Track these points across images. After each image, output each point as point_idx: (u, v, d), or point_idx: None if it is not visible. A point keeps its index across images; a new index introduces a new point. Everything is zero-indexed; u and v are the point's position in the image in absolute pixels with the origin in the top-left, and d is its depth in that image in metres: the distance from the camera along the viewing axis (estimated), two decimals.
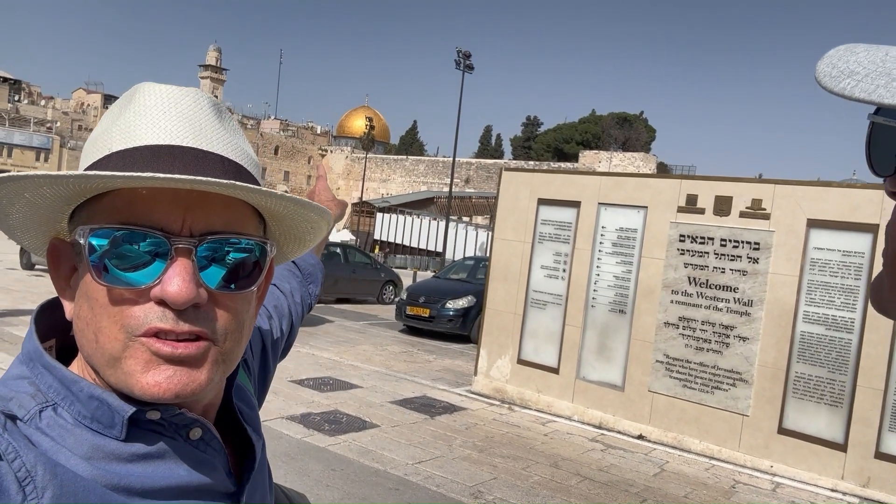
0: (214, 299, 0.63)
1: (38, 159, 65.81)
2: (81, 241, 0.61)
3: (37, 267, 16.46)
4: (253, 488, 0.74)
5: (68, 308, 0.66)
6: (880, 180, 0.54)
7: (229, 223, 0.64)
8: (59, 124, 71.52)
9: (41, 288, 13.29)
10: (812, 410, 5.79)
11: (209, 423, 0.69)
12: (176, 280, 0.59)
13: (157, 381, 0.60)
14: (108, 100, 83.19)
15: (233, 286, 0.64)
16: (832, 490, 5.60)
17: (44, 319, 0.69)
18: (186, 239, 0.61)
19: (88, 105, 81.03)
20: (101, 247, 0.60)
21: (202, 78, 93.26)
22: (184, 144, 0.63)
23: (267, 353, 1.03)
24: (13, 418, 0.59)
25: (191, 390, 0.61)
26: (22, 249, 16.36)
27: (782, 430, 5.92)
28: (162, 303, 0.60)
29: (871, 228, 5.57)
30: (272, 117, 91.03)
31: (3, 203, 0.64)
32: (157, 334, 0.60)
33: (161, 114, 0.64)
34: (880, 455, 5.44)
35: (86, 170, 0.64)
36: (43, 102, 78.23)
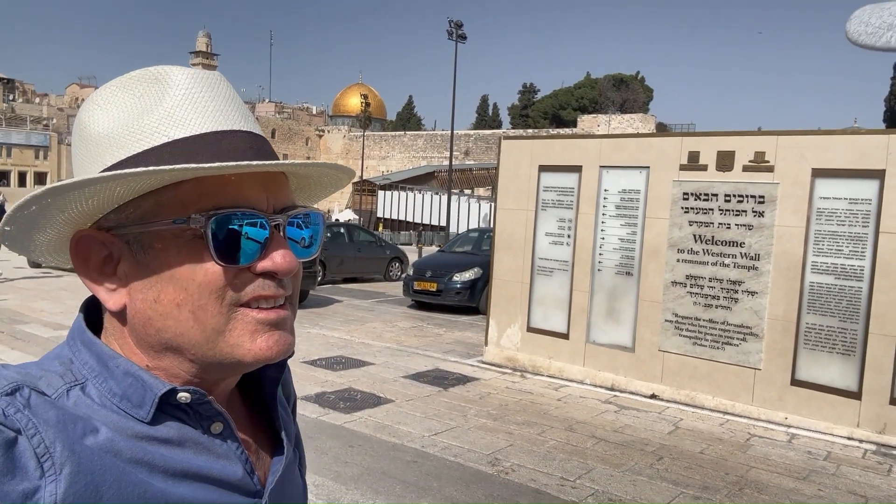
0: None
1: (37, 157, 65.73)
2: (197, 227, 0.63)
3: (44, 265, 16.51)
4: (278, 492, 0.74)
5: (113, 297, 0.67)
6: (883, 125, 0.50)
7: (291, 197, 0.71)
8: (55, 121, 71.30)
9: (51, 285, 13.35)
10: (825, 360, 5.79)
11: (230, 419, 0.69)
12: (281, 252, 0.65)
13: (267, 344, 0.66)
14: None
15: (306, 254, 0.71)
16: (848, 438, 5.62)
17: (91, 309, 0.72)
18: (276, 216, 0.66)
19: (83, 100, 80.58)
20: (217, 229, 0.63)
21: (193, 65, 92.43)
22: (243, 129, 0.67)
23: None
24: (41, 396, 0.60)
25: (289, 350, 0.68)
26: None
27: (795, 382, 5.93)
28: (264, 274, 0.65)
29: (878, 174, 5.50)
30: (266, 100, 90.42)
31: (73, 201, 0.63)
32: (258, 303, 0.65)
33: (211, 100, 0.66)
34: (895, 401, 5.44)
35: (135, 157, 0.64)
36: (38, 100, 77.92)
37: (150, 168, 0.59)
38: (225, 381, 0.71)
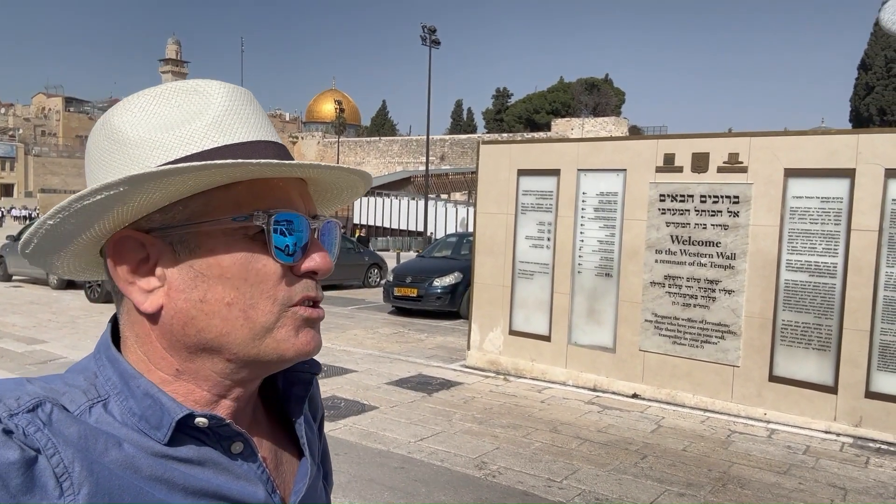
0: None
1: (2, 168, 64.35)
2: (260, 224, 0.66)
3: (14, 278, 16.16)
4: None
5: (149, 298, 0.66)
6: (849, 125, 0.53)
7: (315, 204, 0.75)
8: (21, 131, 69.93)
9: (21, 299, 13.08)
10: (801, 356, 5.91)
11: (251, 440, 0.69)
12: (321, 253, 0.70)
13: (307, 340, 0.69)
14: (70, 102, 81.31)
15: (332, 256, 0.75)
16: (825, 432, 5.74)
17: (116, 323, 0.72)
18: (315, 219, 0.71)
19: (50, 109, 79.16)
20: (276, 228, 0.66)
21: (163, 72, 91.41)
22: (275, 140, 0.72)
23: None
24: (63, 411, 0.60)
25: (320, 347, 0.72)
26: None
27: (773, 378, 6.04)
28: (308, 274, 0.69)
29: (849, 173, 5.64)
30: None
31: (135, 195, 0.63)
32: (304, 302, 0.69)
33: (252, 112, 0.71)
34: (870, 394, 5.57)
35: (186, 159, 0.65)
36: (3, 110, 76.27)
37: (240, 161, 0.62)
38: (249, 385, 0.71)
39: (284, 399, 0.79)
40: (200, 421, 0.64)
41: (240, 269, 0.65)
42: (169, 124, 0.66)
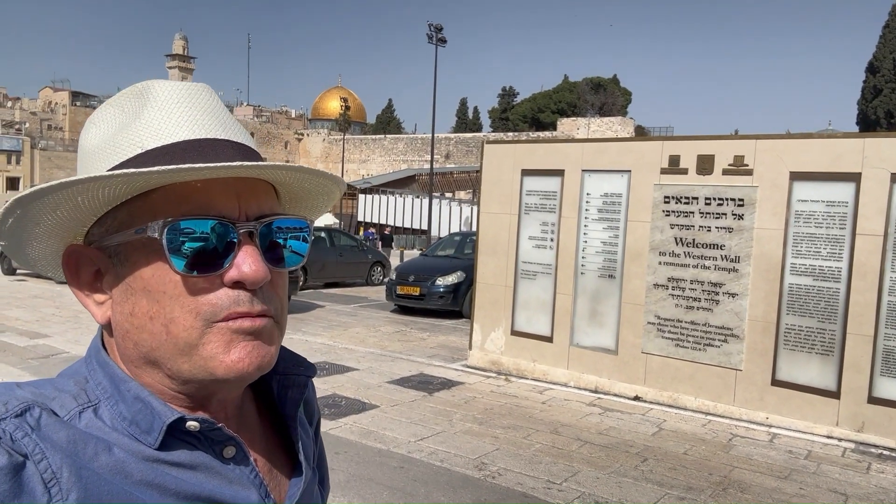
0: (270, 278, 0.66)
1: (9, 162, 64.62)
2: (155, 236, 0.61)
3: (18, 272, 16.21)
4: None
5: (100, 311, 0.67)
6: (856, 127, 0.50)
7: (272, 206, 0.68)
8: (28, 125, 70.18)
9: (24, 293, 13.12)
10: (804, 361, 5.88)
11: (243, 444, 0.68)
12: (249, 261, 0.63)
13: (240, 356, 0.63)
14: (76, 97, 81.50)
15: (285, 263, 0.68)
16: (827, 437, 5.72)
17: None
18: (248, 224, 0.64)
19: (56, 104, 79.37)
20: (176, 239, 0.61)
21: (170, 68, 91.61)
22: (217, 137, 0.66)
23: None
24: (52, 416, 0.60)
25: (267, 362, 0.65)
26: (1, 254, 16.05)
27: (776, 382, 6.02)
28: (236, 285, 0.63)
29: (854, 177, 5.61)
30: (245, 104, 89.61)
31: (41, 212, 0.63)
32: (234, 318, 0.63)
33: (186, 110, 0.65)
34: (873, 400, 5.54)
35: (111, 169, 0.63)
36: (9, 104, 76.49)
37: (90, 176, 0.59)
38: (218, 396, 0.68)
39: (279, 402, 0.78)
40: (192, 424, 0.63)
41: (158, 282, 0.62)
42: (111, 132, 0.66)
